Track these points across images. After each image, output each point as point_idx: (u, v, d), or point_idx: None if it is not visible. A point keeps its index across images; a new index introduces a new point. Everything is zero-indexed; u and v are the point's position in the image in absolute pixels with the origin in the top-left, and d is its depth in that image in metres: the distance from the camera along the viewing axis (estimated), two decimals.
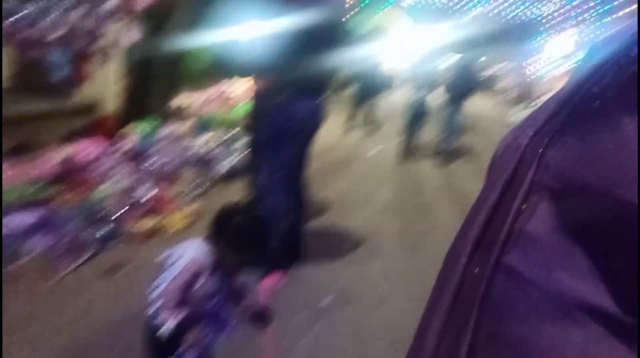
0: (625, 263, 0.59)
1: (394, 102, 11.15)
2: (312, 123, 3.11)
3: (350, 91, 12.38)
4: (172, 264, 1.54)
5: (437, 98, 8.02)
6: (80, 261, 2.92)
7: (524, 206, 0.69)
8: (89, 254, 3.00)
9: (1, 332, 1.73)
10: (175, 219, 3.65)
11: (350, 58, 3.34)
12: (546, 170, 0.68)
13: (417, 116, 7.38)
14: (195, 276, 1.54)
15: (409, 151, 7.60)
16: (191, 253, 1.57)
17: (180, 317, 1.51)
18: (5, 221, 2.76)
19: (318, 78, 3.06)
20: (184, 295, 1.54)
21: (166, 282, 1.51)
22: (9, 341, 2.18)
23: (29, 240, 2.70)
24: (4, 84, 6.79)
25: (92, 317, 2.46)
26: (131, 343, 2.26)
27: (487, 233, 0.76)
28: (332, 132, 8.01)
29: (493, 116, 15.16)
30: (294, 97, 2.95)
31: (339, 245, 3.83)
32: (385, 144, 8.21)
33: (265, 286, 1.73)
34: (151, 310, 1.52)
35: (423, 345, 0.82)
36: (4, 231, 2.69)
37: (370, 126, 9.81)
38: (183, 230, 3.62)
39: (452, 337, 0.78)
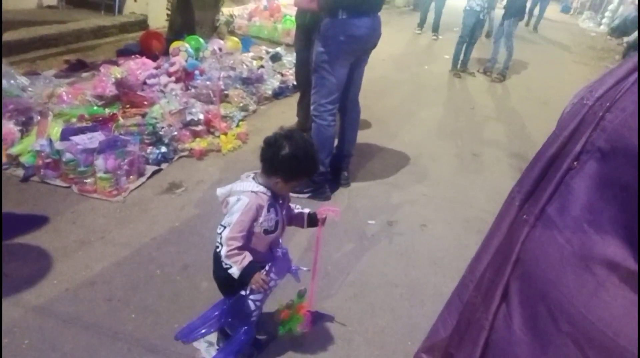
0: None
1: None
2: (369, 41, 3.01)
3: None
4: (234, 205, 1.58)
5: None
6: (142, 179, 3.12)
7: (575, 163, 0.76)
8: (149, 173, 3.19)
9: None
10: (227, 139, 3.76)
11: None
12: (602, 132, 0.73)
13: (473, 28, 6.93)
14: (257, 212, 1.59)
15: (463, 66, 7.29)
16: (249, 191, 1.59)
17: (246, 261, 1.59)
18: (73, 140, 2.95)
19: None
20: (249, 233, 1.60)
21: (231, 225, 1.56)
22: (86, 253, 2.45)
23: (96, 159, 2.88)
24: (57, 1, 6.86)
25: (156, 232, 2.67)
26: (193, 259, 2.48)
27: (541, 184, 0.84)
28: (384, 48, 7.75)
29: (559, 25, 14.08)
30: (350, 15, 2.85)
31: (384, 167, 3.87)
32: (440, 58, 7.89)
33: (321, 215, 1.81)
34: (221, 252, 1.58)
35: (475, 270, 0.97)
36: (76, 148, 2.88)
37: (435, 34, 9.66)
38: (235, 149, 3.75)
39: (496, 268, 0.90)
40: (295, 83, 4.65)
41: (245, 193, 1.59)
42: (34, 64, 4.86)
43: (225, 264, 1.59)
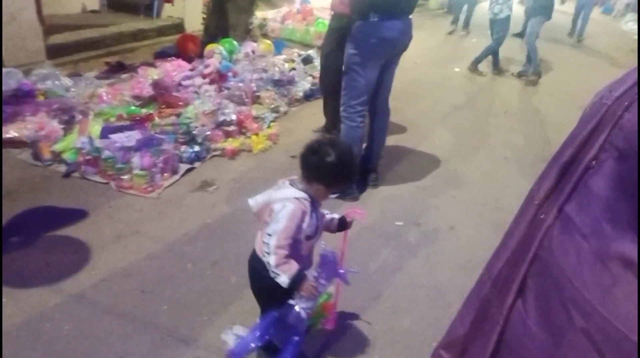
0: None
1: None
2: (399, 44, 3.03)
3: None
4: (279, 212, 1.55)
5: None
6: (176, 177, 3.23)
7: (593, 162, 0.77)
8: (182, 171, 3.29)
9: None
10: (259, 139, 3.84)
11: None
12: (620, 131, 0.74)
13: (498, 32, 6.95)
14: (302, 218, 1.57)
15: (496, 69, 7.23)
16: (292, 198, 1.57)
17: (294, 269, 1.57)
18: (112, 138, 3.08)
19: None
20: (294, 240, 1.58)
21: (278, 233, 1.53)
22: (122, 246, 2.56)
23: (132, 156, 3.00)
24: (97, 4, 7.13)
25: (188, 228, 2.76)
26: (223, 255, 2.55)
27: (560, 183, 0.85)
28: (417, 51, 7.74)
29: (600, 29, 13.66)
30: (381, 18, 2.87)
31: (413, 169, 3.87)
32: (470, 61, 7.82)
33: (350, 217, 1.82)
34: (270, 261, 1.55)
35: (492, 268, 0.98)
36: (114, 146, 3.01)
37: (465, 33, 9.94)
38: (266, 149, 3.82)
39: (512, 265, 0.92)
40: None
41: (289, 200, 1.56)
42: (76, 66, 5.08)
43: (274, 273, 1.55)
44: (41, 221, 2.68)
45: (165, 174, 3.16)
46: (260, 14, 7.59)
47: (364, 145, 3.39)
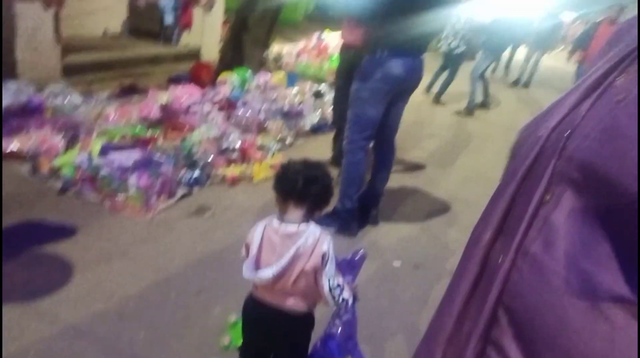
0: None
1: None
2: (406, 81, 2.99)
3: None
4: (330, 250, 1.48)
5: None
6: (172, 201, 3.17)
7: (547, 196, 0.70)
8: (179, 195, 3.24)
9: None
10: (260, 168, 3.79)
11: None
12: (569, 162, 0.68)
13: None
14: None
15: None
16: (321, 233, 1.51)
17: (349, 287, 1.59)
18: (111, 157, 3.05)
19: (416, 37, 2.90)
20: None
21: (336, 270, 1.51)
22: (107, 268, 2.47)
23: (129, 176, 2.96)
24: (119, 29, 7.31)
25: (177, 253, 2.68)
26: (210, 284, 2.45)
27: (509, 220, 0.77)
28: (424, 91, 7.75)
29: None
30: (390, 54, 2.86)
31: (416, 209, 3.77)
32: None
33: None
34: (343, 298, 1.52)
35: (443, 324, 0.86)
36: (112, 165, 2.97)
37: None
38: (267, 179, 3.76)
39: (463, 319, 0.81)
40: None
41: (323, 235, 1.50)
42: (90, 85, 5.14)
43: (346, 302, 1.54)
44: (28, 236, 2.62)
45: (162, 197, 3.11)
46: (277, 47, 7.71)
47: (367, 181, 3.32)
